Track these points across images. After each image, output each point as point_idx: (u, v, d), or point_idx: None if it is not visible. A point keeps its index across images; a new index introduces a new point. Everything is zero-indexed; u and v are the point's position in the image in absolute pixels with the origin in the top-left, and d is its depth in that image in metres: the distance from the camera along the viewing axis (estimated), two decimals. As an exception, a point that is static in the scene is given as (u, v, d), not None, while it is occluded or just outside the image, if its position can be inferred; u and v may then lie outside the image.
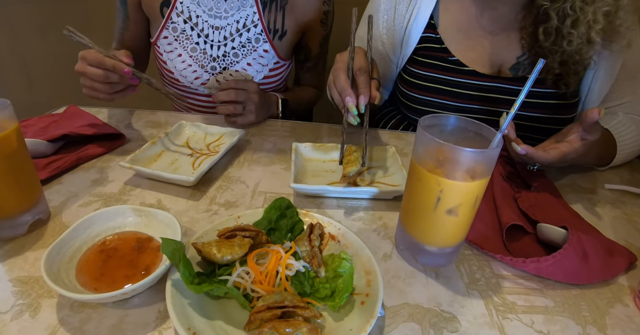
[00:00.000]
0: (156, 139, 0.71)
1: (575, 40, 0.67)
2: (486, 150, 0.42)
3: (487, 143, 0.44)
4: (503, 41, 0.79)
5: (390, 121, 0.93)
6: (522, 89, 0.43)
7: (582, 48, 0.68)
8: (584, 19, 0.65)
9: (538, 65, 0.43)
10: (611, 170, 0.77)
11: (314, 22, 0.94)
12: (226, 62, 0.92)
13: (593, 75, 0.76)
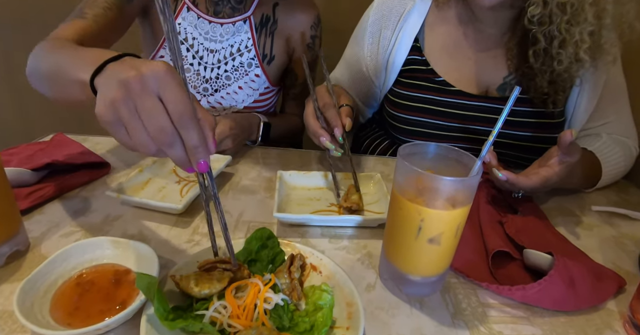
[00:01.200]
0: (143, 166, 0.70)
1: (565, 59, 0.69)
2: (466, 178, 0.42)
3: (468, 170, 0.44)
4: (489, 62, 0.80)
5: (380, 146, 0.93)
6: (500, 116, 0.44)
7: (572, 67, 0.70)
8: (570, 39, 0.67)
9: (514, 93, 0.44)
10: (598, 191, 0.77)
11: (301, 47, 0.96)
12: (218, 85, 0.93)
13: (578, 92, 0.77)
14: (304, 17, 0.94)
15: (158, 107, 0.36)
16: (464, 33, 0.81)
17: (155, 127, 0.36)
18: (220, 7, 0.89)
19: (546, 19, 0.66)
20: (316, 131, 0.65)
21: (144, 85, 0.36)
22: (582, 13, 0.64)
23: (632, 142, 0.81)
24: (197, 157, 0.38)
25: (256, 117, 0.88)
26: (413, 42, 0.82)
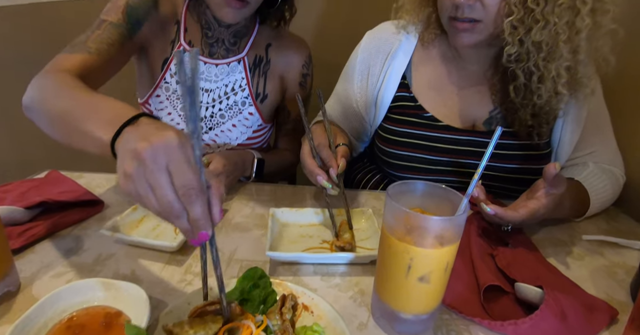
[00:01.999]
0: (137, 205, 0.70)
1: (544, 94, 0.71)
2: (453, 217, 0.42)
3: (456, 208, 0.45)
4: (474, 97, 0.83)
5: (372, 180, 0.94)
6: (484, 154, 0.45)
7: (552, 100, 0.73)
8: (548, 75, 0.69)
9: (497, 133, 0.45)
10: (588, 220, 0.78)
11: (293, 85, 0.99)
12: (212, 123, 0.95)
13: (562, 124, 0.80)
14: (296, 56, 0.97)
15: (166, 183, 0.38)
16: (448, 70, 0.84)
17: (163, 201, 0.38)
18: (215, 48, 0.92)
19: (524, 57, 0.69)
20: (313, 170, 0.66)
21: (154, 159, 0.38)
22: (557, 50, 0.66)
23: (618, 170, 0.82)
24: (199, 229, 0.40)
25: (250, 154, 0.89)
26: (401, 80, 0.85)
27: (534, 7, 0.63)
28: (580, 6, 0.63)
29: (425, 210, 0.47)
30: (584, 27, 0.64)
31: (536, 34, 0.65)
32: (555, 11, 0.63)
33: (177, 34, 0.91)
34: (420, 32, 0.85)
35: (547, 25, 0.64)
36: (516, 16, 0.65)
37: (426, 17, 0.82)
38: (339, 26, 1.42)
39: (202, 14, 0.89)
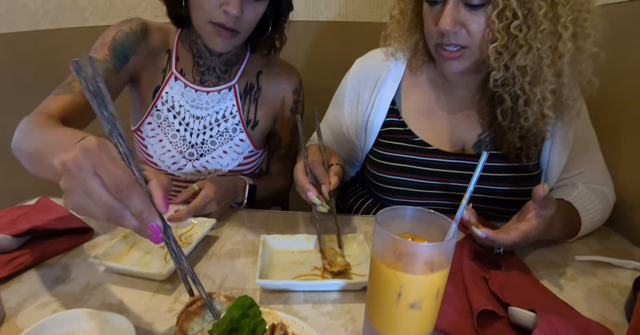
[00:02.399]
0: (127, 232, 0.69)
1: (531, 116, 0.72)
2: (442, 242, 0.42)
3: (445, 233, 0.45)
4: (463, 121, 0.84)
5: (364, 204, 0.94)
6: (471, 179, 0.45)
7: (539, 123, 0.74)
8: (534, 98, 0.70)
9: (482, 157, 0.46)
10: (580, 240, 0.78)
11: (285, 111, 1.00)
12: (204, 149, 0.95)
13: (550, 145, 0.81)
14: (286, 83, 0.99)
15: (97, 185, 0.39)
16: (437, 95, 0.85)
17: (100, 204, 0.39)
18: (207, 76, 0.93)
19: (510, 81, 0.70)
20: (304, 186, 0.67)
21: (79, 167, 0.39)
22: (542, 74, 0.68)
23: (608, 190, 0.83)
24: (145, 222, 0.39)
25: (241, 180, 0.88)
26: (390, 105, 0.86)
27: (517, 33, 0.65)
28: (561, 31, 0.65)
29: (415, 235, 0.47)
30: (567, 51, 0.66)
31: (520, 59, 0.66)
32: (537, 37, 0.65)
33: (169, 63, 0.92)
34: (408, 59, 0.87)
35: (530, 50, 0.66)
36: (500, 42, 0.66)
37: (414, 44, 0.84)
38: (330, 53, 1.46)
39: (193, 43, 0.91)
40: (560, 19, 0.64)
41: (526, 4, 0.63)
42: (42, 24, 1.71)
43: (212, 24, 0.79)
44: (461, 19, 0.67)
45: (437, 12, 0.70)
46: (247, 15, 0.80)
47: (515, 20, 0.64)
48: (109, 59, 0.83)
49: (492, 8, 0.65)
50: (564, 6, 0.63)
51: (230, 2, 0.76)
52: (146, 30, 0.89)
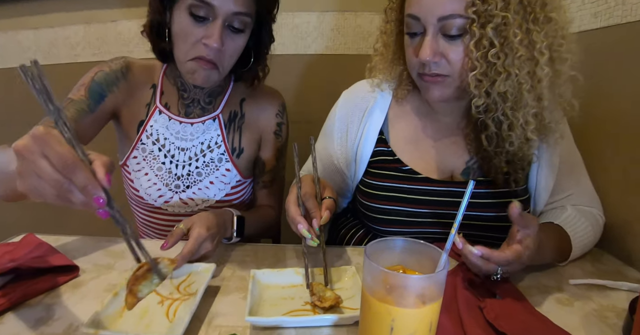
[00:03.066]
0: (118, 288, 0.62)
1: (515, 141, 0.73)
2: (432, 274, 0.42)
3: (436, 263, 0.45)
4: (450, 148, 0.85)
5: (356, 235, 0.94)
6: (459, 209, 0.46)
7: (523, 146, 0.75)
8: (517, 122, 0.72)
9: (469, 186, 0.46)
10: (573, 263, 0.78)
11: (268, 135, 1.00)
12: (190, 181, 0.95)
13: (537, 169, 0.81)
14: (269, 107, 1.00)
15: (46, 165, 0.44)
16: (423, 124, 0.87)
17: (50, 181, 0.44)
18: (191, 108, 0.94)
19: (492, 107, 0.72)
20: (295, 218, 0.65)
21: (30, 150, 0.44)
22: (522, 98, 0.69)
23: (597, 211, 0.84)
24: (90, 195, 0.44)
25: (228, 213, 0.86)
26: (378, 135, 0.87)
27: (495, 61, 0.67)
28: (538, 57, 0.66)
29: (406, 267, 0.47)
30: (545, 76, 0.68)
31: (500, 86, 0.68)
32: (515, 63, 0.66)
33: (153, 97, 0.93)
34: (394, 89, 0.88)
35: (509, 76, 0.68)
36: (479, 70, 0.68)
37: (398, 74, 0.86)
38: (319, 85, 1.49)
39: (177, 77, 0.93)
40: (536, 45, 0.66)
41: (502, 32, 0.65)
42: (33, 59, 1.73)
43: (192, 61, 0.81)
44: (440, 49, 0.70)
45: (417, 43, 0.72)
46: (228, 48, 0.82)
47: (492, 48, 0.66)
48: (84, 99, 0.86)
49: (470, 38, 0.67)
50: (539, 33, 0.66)
51: (211, 35, 0.78)
52: (128, 68, 0.91)
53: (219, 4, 0.77)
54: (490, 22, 0.64)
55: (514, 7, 0.64)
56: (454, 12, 0.66)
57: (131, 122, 0.93)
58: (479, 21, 0.65)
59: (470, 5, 0.64)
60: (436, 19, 0.67)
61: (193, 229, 0.73)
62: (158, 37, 0.86)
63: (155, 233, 1.01)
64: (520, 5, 0.65)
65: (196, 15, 0.78)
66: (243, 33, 0.83)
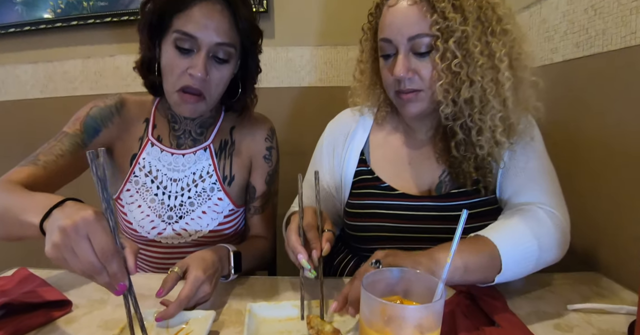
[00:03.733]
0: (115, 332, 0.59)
1: (485, 144, 0.76)
2: (430, 304, 0.42)
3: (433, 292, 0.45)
4: (424, 163, 0.88)
5: (348, 265, 0.94)
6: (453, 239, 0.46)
7: (493, 150, 0.77)
8: (485, 126, 0.75)
9: (462, 216, 0.47)
10: (570, 287, 0.77)
11: (258, 159, 1.01)
12: (182, 211, 0.95)
13: (505, 173, 0.82)
14: (257, 131, 1.01)
15: (87, 248, 0.51)
16: (400, 142, 0.91)
17: (86, 262, 0.51)
18: (183, 140, 0.96)
19: (459, 114, 0.76)
20: (296, 247, 0.66)
21: (77, 231, 0.51)
22: (488, 103, 0.74)
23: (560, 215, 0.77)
24: (117, 281, 0.53)
25: (224, 249, 0.82)
26: (360, 156, 0.91)
27: (459, 70, 0.73)
28: (498, 64, 0.73)
29: (404, 297, 0.47)
30: (506, 80, 0.73)
31: (465, 92, 0.73)
32: (477, 71, 0.72)
33: (146, 131, 0.95)
34: (374, 113, 0.94)
35: (473, 83, 0.73)
36: (445, 80, 0.74)
37: (376, 98, 0.92)
38: (313, 117, 1.51)
39: (168, 110, 0.95)
40: (495, 54, 0.72)
41: (463, 44, 0.72)
42: (31, 93, 1.76)
43: (179, 92, 0.84)
44: (412, 66, 0.76)
45: (391, 63, 0.78)
46: (214, 78, 0.85)
47: (455, 59, 0.72)
48: (79, 133, 0.88)
49: (436, 52, 0.74)
50: (497, 43, 0.72)
51: (195, 65, 0.81)
52: (122, 104, 0.94)
53: (201, 35, 0.81)
54: (452, 37, 0.71)
55: (472, 22, 0.71)
56: (421, 32, 0.73)
57: (124, 156, 0.95)
58: (442, 37, 0.72)
59: (434, 24, 0.71)
60: (406, 39, 0.74)
61: (189, 272, 0.69)
62: (149, 72, 0.90)
63: (148, 266, 1.00)
64: (478, 21, 0.72)
65: (181, 48, 0.82)
66: (228, 63, 0.86)
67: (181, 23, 0.81)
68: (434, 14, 0.72)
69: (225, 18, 0.83)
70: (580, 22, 0.92)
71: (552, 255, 0.72)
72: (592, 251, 0.92)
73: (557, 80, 1.00)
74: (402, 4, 0.75)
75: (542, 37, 1.06)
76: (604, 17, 0.84)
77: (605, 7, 0.84)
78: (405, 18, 0.74)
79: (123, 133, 0.94)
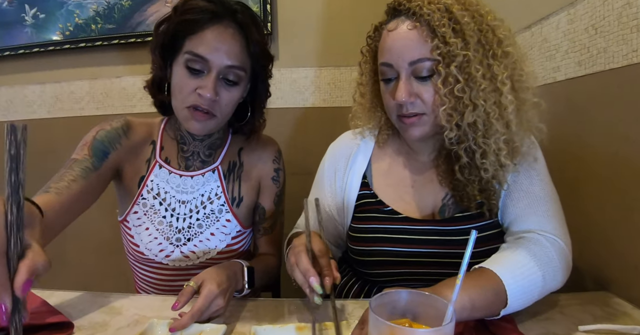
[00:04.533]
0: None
1: (490, 167, 0.75)
2: (440, 327, 0.41)
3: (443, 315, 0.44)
4: (427, 186, 0.87)
5: (353, 288, 0.92)
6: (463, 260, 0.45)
7: (498, 173, 0.76)
8: (489, 149, 0.74)
9: (471, 237, 0.46)
10: (581, 307, 0.75)
11: (267, 181, 1.02)
12: (190, 233, 0.94)
13: (508, 196, 0.80)
14: (265, 153, 1.02)
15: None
16: (402, 165, 0.90)
17: None
18: (191, 161, 0.96)
19: (463, 138, 0.75)
20: (308, 269, 0.64)
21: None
22: (492, 127, 0.73)
23: (563, 241, 0.75)
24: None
25: (237, 264, 0.84)
26: (362, 179, 0.90)
27: (461, 95, 0.72)
28: (501, 87, 0.72)
29: (413, 320, 0.46)
30: (509, 103, 0.72)
31: (468, 117, 0.72)
32: (480, 95, 0.72)
33: (153, 153, 0.96)
34: (375, 135, 0.93)
35: (476, 107, 0.72)
36: (448, 105, 0.73)
37: (377, 121, 0.91)
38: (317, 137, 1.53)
39: (177, 130, 0.96)
40: (497, 77, 0.72)
41: (465, 69, 0.71)
42: (38, 112, 1.79)
43: (188, 108, 0.84)
44: (414, 90, 0.75)
45: (392, 87, 0.78)
46: (223, 99, 0.85)
47: (458, 84, 0.71)
48: (88, 158, 0.87)
49: (437, 77, 0.73)
50: (499, 66, 0.72)
51: (205, 86, 0.82)
52: (128, 126, 0.94)
53: (212, 58, 0.82)
54: (454, 61, 0.70)
55: (473, 46, 0.70)
56: (422, 56, 0.72)
57: (132, 178, 0.94)
58: (444, 62, 0.71)
59: (435, 48, 0.71)
60: (407, 63, 0.74)
61: (204, 286, 0.70)
62: (159, 91, 0.91)
63: (154, 289, 0.99)
64: (479, 44, 0.71)
65: (192, 69, 0.83)
66: (238, 86, 0.87)
67: (193, 45, 0.82)
68: (434, 38, 0.71)
69: (237, 41, 0.84)
70: (582, 41, 0.93)
71: (555, 283, 0.71)
72: (601, 270, 0.90)
73: (560, 99, 1.00)
74: (402, 28, 0.74)
75: (544, 56, 1.07)
76: (605, 35, 0.85)
77: (606, 26, 0.85)
78: (405, 42, 0.74)
79: (130, 155, 0.94)
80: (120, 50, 1.70)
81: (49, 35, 1.73)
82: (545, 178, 0.82)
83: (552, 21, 1.03)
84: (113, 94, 1.72)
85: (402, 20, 0.75)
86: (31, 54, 1.74)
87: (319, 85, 1.57)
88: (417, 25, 0.73)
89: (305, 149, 1.52)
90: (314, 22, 1.58)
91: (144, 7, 1.64)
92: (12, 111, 1.82)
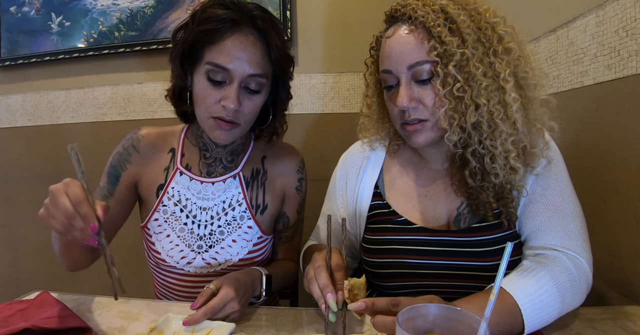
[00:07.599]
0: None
1: (500, 171, 0.72)
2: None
3: (473, 331, 0.42)
4: (441, 195, 0.84)
5: None
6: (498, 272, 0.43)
7: (510, 177, 0.72)
8: (497, 152, 0.71)
9: (507, 250, 0.44)
10: (612, 322, 0.71)
11: (291, 190, 1.01)
12: (212, 240, 0.94)
13: (523, 203, 0.76)
14: (289, 163, 1.01)
15: (65, 199, 0.62)
16: (415, 174, 0.87)
17: (63, 209, 0.61)
18: (213, 167, 0.96)
19: (469, 141, 0.72)
20: (327, 285, 0.65)
21: (58, 189, 0.63)
22: (498, 127, 0.70)
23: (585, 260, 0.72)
24: (88, 222, 0.62)
25: (257, 271, 0.84)
26: (374, 190, 0.87)
27: (462, 95, 0.69)
28: (504, 85, 0.69)
29: (441, 335, 0.44)
30: (514, 102, 0.69)
31: (470, 117, 0.70)
32: (482, 94, 0.69)
33: (172, 161, 0.95)
34: (386, 146, 0.91)
35: (478, 107, 0.69)
36: (448, 106, 0.70)
37: (386, 132, 0.89)
38: (335, 143, 1.55)
39: (199, 138, 0.95)
40: (500, 75, 0.69)
41: (464, 68, 0.69)
42: (62, 118, 1.83)
43: (213, 118, 0.84)
44: (416, 95, 0.73)
45: (394, 94, 0.76)
46: (246, 107, 0.84)
47: (457, 83, 0.69)
48: (106, 185, 0.93)
49: (437, 79, 0.71)
50: (500, 63, 0.69)
51: (228, 97, 0.81)
52: (139, 140, 0.95)
53: (234, 67, 0.80)
54: (452, 61, 0.68)
55: (471, 44, 0.68)
56: (420, 59, 0.71)
57: (149, 187, 0.95)
58: (442, 62, 0.69)
59: (432, 49, 0.69)
60: (405, 67, 0.72)
61: (222, 288, 0.74)
62: (180, 100, 0.91)
63: (174, 295, 0.98)
64: (478, 42, 0.69)
65: (213, 80, 0.82)
66: (260, 93, 0.86)
67: (213, 55, 0.81)
68: (430, 39, 0.69)
69: (258, 49, 0.83)
70: (611, 44, 0.89)
71: (573, 306, 0.69)
72: (633, 283, 0.86)
73: (588, 104, 0.97)
74: (399, 34, 0.73)
75: (571, 60, 1.04)
76: (637, 37, 0.82)
77: (637, 28, 0.81)
78: (402, 47, 0.72)
79: (144, 167, 0.95)
80: (142, 57, 1.72)
81: (74, 42, 1.78)
82: (566, 188, 0.76)
83: (579, 24, 1.00)
84: (135, 100, 1.75)
85: (399, 25, 0.74)
86: (56, 60, 1.79)
87: (338, 91, 1.56)
88: (413, 28, 0.72)
89: (323, 155, 1.52)
90: (333, 27, 1.58)
91: (165, 14, 1.67)
92: (37, 116, 1.86)
